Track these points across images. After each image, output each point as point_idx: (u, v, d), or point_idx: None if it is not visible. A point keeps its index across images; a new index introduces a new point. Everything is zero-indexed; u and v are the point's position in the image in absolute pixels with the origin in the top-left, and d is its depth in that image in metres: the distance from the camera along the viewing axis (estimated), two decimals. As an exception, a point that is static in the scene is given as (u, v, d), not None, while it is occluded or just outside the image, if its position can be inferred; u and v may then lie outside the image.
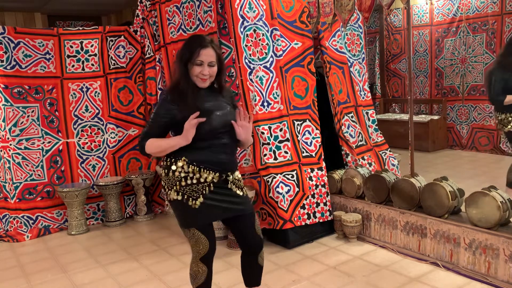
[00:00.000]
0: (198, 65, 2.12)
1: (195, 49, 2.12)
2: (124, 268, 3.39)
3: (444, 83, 7.09)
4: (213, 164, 2.17)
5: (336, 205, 3.86)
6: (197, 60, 2.11)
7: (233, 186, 2.25)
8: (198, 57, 2.11)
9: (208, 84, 2.19)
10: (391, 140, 5.14)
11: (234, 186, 2.25)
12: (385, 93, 8.07)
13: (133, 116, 4.74)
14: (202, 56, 2.11)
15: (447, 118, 6.97)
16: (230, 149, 2.23)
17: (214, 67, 2.16)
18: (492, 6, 6.25)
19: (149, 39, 4.59)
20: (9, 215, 4.24)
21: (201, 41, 2.14)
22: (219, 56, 2.18)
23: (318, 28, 3.98)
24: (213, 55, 2.14)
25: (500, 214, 2.75)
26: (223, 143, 2.19)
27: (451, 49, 6.91)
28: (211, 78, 2.19)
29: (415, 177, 3.35)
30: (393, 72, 7.95)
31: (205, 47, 2.12)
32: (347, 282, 2.94)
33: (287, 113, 3.70)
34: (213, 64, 2.15)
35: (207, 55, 2.12)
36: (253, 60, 3.59)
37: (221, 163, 2.18)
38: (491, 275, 2.80)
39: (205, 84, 2.18)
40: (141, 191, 4.54)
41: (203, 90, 2.20)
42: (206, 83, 2.18)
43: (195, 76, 2.15)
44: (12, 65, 4.19)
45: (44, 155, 4.35)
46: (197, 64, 2.12)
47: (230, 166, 2.23)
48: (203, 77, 2.14)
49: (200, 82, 2.16)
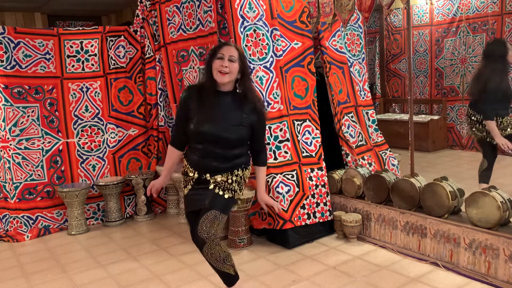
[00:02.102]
0: (220, 58, 2.30)
1: (218, 47, 2.36)
2: (124, 268, 3.39)
3: (444, 83, 7.09)
4: (194, 165, 2.46)
5: (336, 205, 3.86)
6: (218, 53, 2.31)
7: (216, 188, 2.42)
8: (220, 51, 2.32)
9: (227, 79, 2.32)
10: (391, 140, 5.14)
11: (217, 187, 2.43)
12: (385, 93, 8.07)
13: (133, 116, 4.74)
14: (224, 50, 2.32)
15: (447, 118, 6.98)
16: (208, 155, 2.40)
17: (235, 63, 2.32)
18: (492, 6, 6.26)
19: (149, 39, 4.59)
20: (9, 215, 4.24)
21: (225, 43, 2.45)
22: (241, 57, 2.35)
23: (318, 28, 3.98)
24: (235, 52, 2.34)
25: (500, 214, 2.75)
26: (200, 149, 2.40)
27: (451, 49, 6.91)
28: (231, 76, 2.32)
29: (415, 177, 3.35)
30: (393, 72, 7.95)
31: (228, 45, 2.37)
32: (347, 282, 2.94)
33: (287, 113, 3.70)
34: (234, 59, 2.32)
35: (228, 50, 2.32)
36: (253, 60, 3.59)
37: (199, 166, 2.43)
38: (491, 275, 2.80)
39: (224, 79, 2.31)
40: (141, 191, 4.54)
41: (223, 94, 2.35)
42: (225, 78, 2.31)
43: (216, 70, 2.31)
44: (12, 65, 4.19)
45: (44, 155, 4.35)
46: (219, 57, 2.31)
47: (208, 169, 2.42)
48: (222, 69, 2.29)
49: (220, 77, 2.31)
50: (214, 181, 2.42)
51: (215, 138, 2.35)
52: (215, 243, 2.38)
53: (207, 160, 2.41)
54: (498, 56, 3.77)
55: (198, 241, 2.42)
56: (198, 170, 2.43)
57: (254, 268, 3.23)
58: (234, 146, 2.41)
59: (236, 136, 2.37)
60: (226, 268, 2.44)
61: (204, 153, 2.41)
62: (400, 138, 6.21)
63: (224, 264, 2.43)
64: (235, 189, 2.48)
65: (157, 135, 4.73)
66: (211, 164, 2.41)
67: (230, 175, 2.44)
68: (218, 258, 2.40)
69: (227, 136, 2.34)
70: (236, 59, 2.31)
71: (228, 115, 2.35)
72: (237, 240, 3.58)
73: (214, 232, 2.38)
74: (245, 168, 2.52)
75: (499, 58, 3.77)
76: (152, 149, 4.80)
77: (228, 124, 2.35)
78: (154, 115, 4.68)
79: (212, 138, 2.35)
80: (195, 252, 3.60)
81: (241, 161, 2.48)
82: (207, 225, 2.37)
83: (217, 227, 2.39)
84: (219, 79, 2.31)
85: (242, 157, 2.48)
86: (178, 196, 4.62)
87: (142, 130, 4.79)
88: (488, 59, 3.86)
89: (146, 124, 4.79)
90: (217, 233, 2.41)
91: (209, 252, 2.39)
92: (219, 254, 2.40)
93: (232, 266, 2.47)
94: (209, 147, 2.38)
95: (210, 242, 2.37)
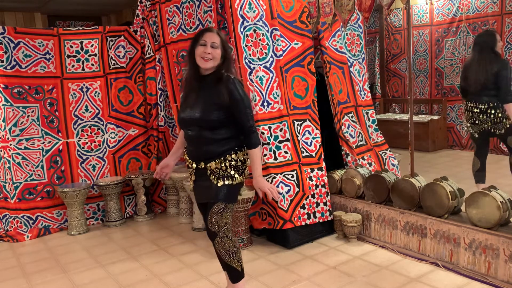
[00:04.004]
0: (202, 45, 2.34)
1: (200, 34, 2.39)
2: (124, 268, 3.39)
3: (444, 83, 7.09)
4: (190, 155, 2.51)
5: (336, 205, 3.86)
6: (201, 40, 2.35)
7: (211, 175, 2.44)
8: (202, 38, 2.36)
9: (210, 65, 2.37)
10: (391, 140, 5.14)
11: (212, 175, 2.44)
12: (385, 93, 8.07)
13: (133, 116, 4.74)
14: (206, 36, 2.36)
15: (447, 118, 6.97)
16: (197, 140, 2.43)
17: (217, 49, 2.36)
18: (492, 6, 6.25)
19: (149, 39, 4.59)
20: (9, 215, 4.24)
21: (207, 29, 2.45)
22: (223, 43, 2.38)
23: (318, 28, 3.98)
24: (217, 38, 2.37)
25: (500, 214, 2.75)
26: (190, 135, 2.45)
27: (451, 49, 6.91)
28: (214, 61, 2.36)
29: (415, 177, 3.35)
30: (393, 72, 7.95)
31: (210, 31, 2.39)
32: (347, 282, 2.94)
33: (287, 113, 3.70)
34: (216, 45, 2.35)
35: (211, 37, 2.36)
36: (253, 60, 3.59)
37: (194, 155, 2.48)
38: (491, 275, 2.80)
39: (207, 64, 2.36)
40: (141, 191, 4.54)
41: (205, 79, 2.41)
42: (209, 64, 2.36)
43: (199, 56, 2.35)
44: (12, 65, 4.19)
45: (44, 155, 4.35)
46: (201, 44, 2.35)
47: (201, 156, 2.44)
48: (205, 55, 2.33)
49: (203, 63, 2.35)
50: (210, 169, 2.43)
51: (197, 121, 2.38)
52: (226, 236, 2.45)
53: (198, 146, 2.45)
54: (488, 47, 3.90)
55: (210, 233, 2.49)
56: (194, 160, 2.48)
57: (254, 268, 3.23)
58: (217, 127, 2.38)
59: (216, 116, 2.35)
60: (233, 262, 2.51)
61: (194, 139, 2.45)
62: (400, 138, 6.21)
63: (233, 258, 2.49)
64: (232, 175, 2.44)
65: (157, 135, 4.73)
66: (202, 150, 2.43)
67: (224, 161, 2.42)
68: (227, 251, 2.47)
69: (206, 118, 2.36)
70: (219, 45, 2.36)
71: (207, 97, 2.39)
72: (237, 240, 3.57)
73: (224, 223, 2.44)
74: (238, 150, 2.47)
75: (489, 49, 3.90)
76: (152, 149, 4.80)
77: (207, 106, 2.37)
78: (154, 115, 4.68)
79: (193, 122, 2.39)
80: (195, 252, 3.61)
81: (231, 144, 2.44)
82: (216, 218, 2.43)
83: (227, 217, 2.45)
84: (202, 65, 2.36)
85: (231, 140, 2.44)
86: (178, 196, 4.62)
87: (142, 130, 4.79)
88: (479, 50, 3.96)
89: (146, 124, 4.79)
90: (228, 224, 2.46)
91: (220, 244, 2.47)
92: (229, 247, 2.46)
93: (239, 262, 2.53)
94: (196, 131, 2.41)
95: (222, 235, 2.45)
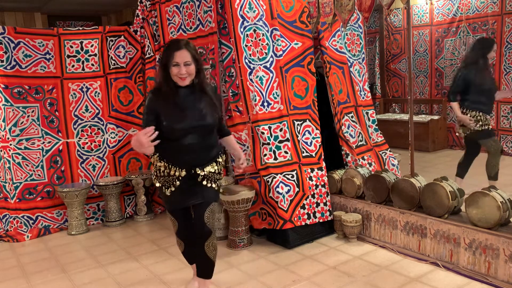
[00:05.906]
0: (175, 66, 2.37)
1: (170, 53, 2.37)
2: (124, 268, 3.39)
3: (444, 83, 7.09)
4: (179, 163, 2.46)
5: (336, 205, 3.86)
6: (173, 62, 2.36)
7: (204, 180, 2.49)
8: (174, 59, 2.36)
9: (188, 82, 2.43)
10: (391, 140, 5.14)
11: (205, 180, 2.50)
12: (385, 93, 8.07)
13: (133, 116, 4.74)
14: (177, 58, 2.36)
15: (447, 118, 6.97)
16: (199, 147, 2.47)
17: (191, 66, 2.39)
18: (492, 6, 6.25)
19: (149, 39, 4.59)
20: (9, 215, 4.24)
21: (175, 45, 2.40)
22: (194, 56, 2.41)
23: (318, 28, 3.98)
24: (187, 55, 2.37)
25: (500, 214, 2.75)
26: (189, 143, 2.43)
27: (451, 49, 6.90)
28: (191, 76, 2.43)
29: (415, 177, 3.35)
30: (393, 72, 7.95)
31: (179, 49, 2.37)
32: (347, 282, 2.94)
33: (287, 113, 3.70)
34: (188, 63, 2.38)
35: (182, 56, 2.36)
36: (253, 60, 3.59)
37: (185, 163, 2.45)
38: (491, 275, 2.80)
39: (185, 82, 2.42)
40: (141, 191, 4.54)
41: (183, 90, 2.44)
42: (186, 81, 2.42)
43: (175, 76, 2.39)
44: (12, 65, 4.19)
45: (44, 155, 4.35)
46: (174, 65, 2.37)
47: (197, 163, 2.47)
48: (181, 75, 2.38)
49: (180, 81, 2.41)
50: (204, 174, 2.49)
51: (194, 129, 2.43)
52: (214, 234, 2.59)
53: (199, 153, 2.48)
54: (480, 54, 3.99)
55: (203, 233, 2.54)
56: (185, 167, 2.46)
57: (254, 268, 3.23)
58: (211, 131, 2.51)
59: (211, 121, 2.47)
60: (215, 258, 2.63)
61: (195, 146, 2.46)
62: (400, 138, 6.21)
63: (215, 254, 2.62)
64: (221, 176, 2.62)
65: (157, 135, 4.73)
66: (202, 156, 2.49)
67: (215, 165, 2.55)
68: (215, 248, 2.60)
69: (203, 123, 2.44)
70: (191, 61, 2.38)
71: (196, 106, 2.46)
72: (237, 240, 3.58)
73: (214, 223, 2.61)
74: (222, 153, 2.64)
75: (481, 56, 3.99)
76: (152, 149, 4.79)
77: (200, 113, 2.45)
78: (154, 115, 4.68)
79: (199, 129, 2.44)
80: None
81: (218, 148, 2.61)
82: (213, 217, 2.56)
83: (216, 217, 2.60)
84: (181, 83, 2.41)
85: (217, 144, 2.61)
86: (178, 196, 4.61)
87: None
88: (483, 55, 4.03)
89: (146, 124, 4.78)
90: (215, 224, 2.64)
91: (211, 242, 2.57)
92: (216, 244, 2.61)
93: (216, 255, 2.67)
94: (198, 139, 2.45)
95: (214, 233, 2.58)
